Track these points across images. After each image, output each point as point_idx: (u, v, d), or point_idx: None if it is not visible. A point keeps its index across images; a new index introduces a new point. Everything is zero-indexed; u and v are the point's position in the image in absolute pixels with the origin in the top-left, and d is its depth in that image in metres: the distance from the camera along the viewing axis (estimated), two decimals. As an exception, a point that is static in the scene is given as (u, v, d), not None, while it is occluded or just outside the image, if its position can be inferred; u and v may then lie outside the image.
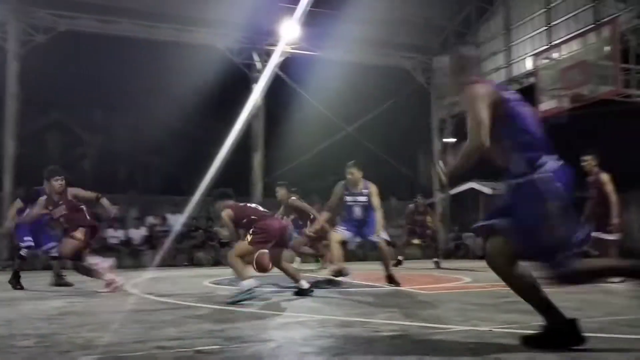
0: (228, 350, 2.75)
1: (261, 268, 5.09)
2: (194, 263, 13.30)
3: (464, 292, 5.90)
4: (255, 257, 5.03)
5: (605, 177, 6.72)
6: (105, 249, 13.07)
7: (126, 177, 21.94)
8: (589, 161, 6.79)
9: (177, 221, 13.63)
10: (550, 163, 2.55)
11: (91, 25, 13.94)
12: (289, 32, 14.18)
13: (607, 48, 11.51)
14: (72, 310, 4.56)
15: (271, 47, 14.68)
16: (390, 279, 6.21)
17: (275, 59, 14.70)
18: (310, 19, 13.35)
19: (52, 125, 21.28)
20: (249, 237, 5.02)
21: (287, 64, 15.43)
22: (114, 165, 22.42)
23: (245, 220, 5.13)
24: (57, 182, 6.09)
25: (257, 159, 15.56)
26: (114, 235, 13.45)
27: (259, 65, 15.07)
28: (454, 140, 17.49)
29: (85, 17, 13.70)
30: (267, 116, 15.74)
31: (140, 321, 3.86)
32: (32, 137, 19.31)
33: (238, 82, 15.58)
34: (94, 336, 3.19)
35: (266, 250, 5.07)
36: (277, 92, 15.75)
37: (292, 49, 15.07)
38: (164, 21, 14.14)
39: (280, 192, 7.74)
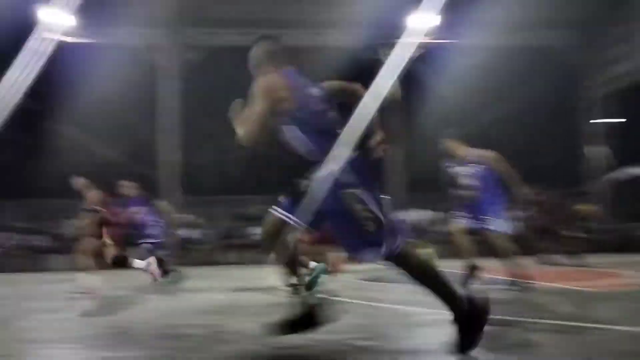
0: (382, 346, 2.80)
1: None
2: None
3: (628, 290, 5.29)
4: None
5: None
6: (249, 246, 13.94)
7: (271, 179, 23.18)
8: None
9: None
10: (342, 154, 2.49)
11: (239, 39, 14.97)
12: (423, 23, 13.93)
13: None
14: (233, 304, 4.95)
15: (403, 41, 14.51)
16: (514, 274, 5.15)
17: (408, 52, 14.49)
18: (446, 7, 12.96)
19: (208, 135, 23.26)
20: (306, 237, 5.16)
21: (423, 55, 15.17)
22: (259, 168, 23.86)
23: None
24: (77, 182, 6.96)
25: (397, 154, 15.50)
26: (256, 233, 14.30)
27: (391, 60, 14.96)
28: (621, 120, 15.87)
29: (233, 32, 14.74)
30: (403, 110, 15.61)
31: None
32: (191, 147, 21.29)
33: (370, 80, 15.64)
34: (254, 327, 3.44)
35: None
36: (414, 84, 15.54)
37: (427, 39, 14.79)
38: (303, 27, 14.71)
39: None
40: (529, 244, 9.37)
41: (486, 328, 2.39)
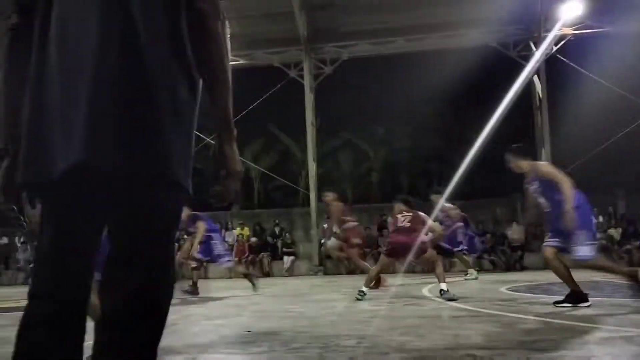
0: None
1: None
2: (483, 268, 13.01)
3: None
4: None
5: None
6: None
7: (408, 185, 22.96)
8: None
9: None
10: None
11: (369, 49, 15.09)
12: (570, 12, 12.87)
13: None
14: (381, 314, 4.91)
15: (549, 33, 13.52)
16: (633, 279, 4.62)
17: (553, 45, 13.51)
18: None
19: (343, 144, 23.79)
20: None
21: (570, 47, 14.00)
22: (396, 175, 23.77)
23: None
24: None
25: (544, 154, 14.43)
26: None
27: (537, 55, 14.01)
28: None
29: (363, 43, 14.88)
30: (550, 106, 14.52)
31: (445, 327, 3.93)
32: (328, 157, 21.92)
33: (517, 76, 14.79)
34: (405, 340, 3.36)
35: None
36: (561, 78, 14.39)
37: (575, 29, 13.65)
38: (433, 31, 14.40)
39: (327, 197, 8.30)
40: None
41: None
